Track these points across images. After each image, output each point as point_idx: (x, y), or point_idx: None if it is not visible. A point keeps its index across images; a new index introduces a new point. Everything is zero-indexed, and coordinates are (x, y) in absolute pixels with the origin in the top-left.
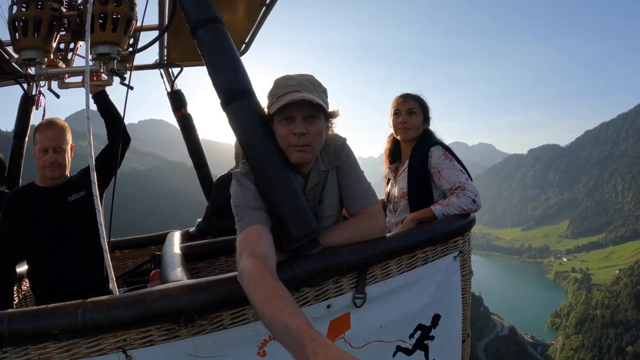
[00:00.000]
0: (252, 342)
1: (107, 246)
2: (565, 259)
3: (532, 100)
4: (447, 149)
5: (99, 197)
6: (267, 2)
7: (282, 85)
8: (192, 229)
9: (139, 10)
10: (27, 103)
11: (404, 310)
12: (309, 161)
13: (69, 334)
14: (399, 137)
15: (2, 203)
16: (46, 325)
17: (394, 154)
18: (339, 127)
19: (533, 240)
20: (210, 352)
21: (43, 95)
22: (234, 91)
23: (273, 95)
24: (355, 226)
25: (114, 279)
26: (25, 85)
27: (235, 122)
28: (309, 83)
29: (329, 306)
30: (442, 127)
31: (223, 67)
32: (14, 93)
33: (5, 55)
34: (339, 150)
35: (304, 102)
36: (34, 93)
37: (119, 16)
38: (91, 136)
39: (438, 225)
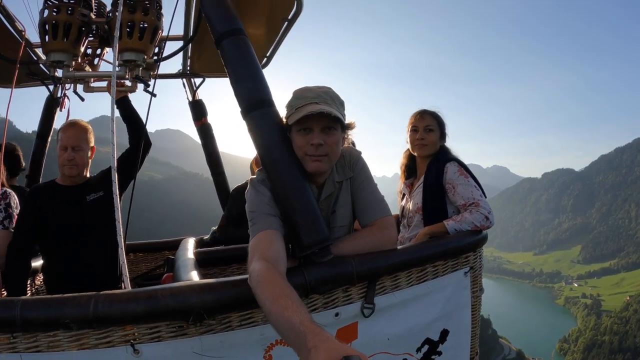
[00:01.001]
0: (259, 345)
1: (123, 243)
2: (576, 285)
3: (547, 124)
4: (462, 165)
5: (118, 196)
6: (289, 17)
7: (301, 97)
8: (206, 237)
9: (165, 20)
10: (52, 105)
11: (412, 323)
12: (325, 171)
13: (80, 324)
14: (415, 153)
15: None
16: (58, 314)
17: (410, 169)
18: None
19: (544, 265)
20: (217, 352)
21: (68, 98)
22: (254, 100)
23: (292, 106)
24: (367, 237)
25: (128, 275)
26: (51, 87)
27: (254, 130)
28: (327, 95)
29: (337, 314)
30: (456, 149)
31: (245, 77)
32: (30, 94)
33: (34, 57)
34: (354, 163)
35: (322, 114)
36: (58, 95)
37: (146, 25)
38: (114, 137)
39: (450, 240)
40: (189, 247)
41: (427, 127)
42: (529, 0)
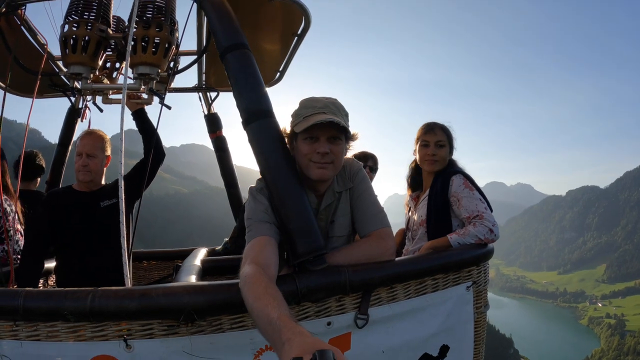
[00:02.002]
0: (248, 349)
1: (125, 244)
2: (600, 305)
3: (571, 140)
4: (468, 178)
5: (124, 202)
6: (299, 32)
7: (309, 106)
8: (218, 247)
9: (180, 36)
10: (73, 115)
11: (409, 336)
12: (329, 178)
13: (77, 317)
14: (424, 168)
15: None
16: (58, 306)
17: (416, 181)
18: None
19: (568, 285)
20: (206, 352)
21: (89, 109)
22: (254, 111)
23: (299, 115)
24: (363, 247)
25: (129, 275)
26: (72, 98)
27: (254, 140)
28: (333, 106)
29: (329, 323)
30: (480, 167)
31: (246, 89)
32: (59, 106)
33: (56, 69)
34: (355, 174)
35: (330, 123)
36: (80, 106)
37: (159, 40)
38: (122, 145)
39: (450, 253)
40: (199, 255)
41: (439, 143)
42: (548, 15)
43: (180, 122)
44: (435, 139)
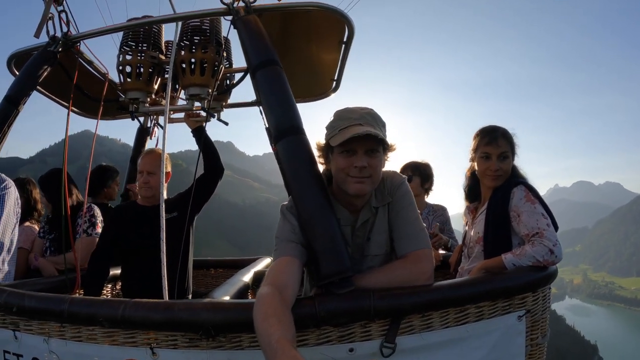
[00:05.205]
0: None
1: (164, 259)
2: None
3: None
4: (530, 189)
5: (164, 217)
6: (345, 40)
7: (344, 118)
8: None
9: (221, 55)
10: (143, 134)
11: None
12: (367, 192)
13: (111, 323)
14: (485, 183)
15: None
16: (96, 313)
17: (474, 191)
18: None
19: None
20: None
21: (157, 128)
22: (283, 128)
23: (334, 127)
24: (396, 270)
25: (167, 287)
26: (141, 119)
27: (282, 157)
28: (370, 116)
29: (351, 350)
30: (565, 166)
31: (276, 105)
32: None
33: (121, 95)
34: (395, 188)
35: (368, 136)
36: (148, 125)
37: (206, 62)
38: (163, 165)
39: (498, 278)
40: (258, 265)
41: (502, 154)
42: (628, 3)
43: (262, 132)
44: (498, 152)
